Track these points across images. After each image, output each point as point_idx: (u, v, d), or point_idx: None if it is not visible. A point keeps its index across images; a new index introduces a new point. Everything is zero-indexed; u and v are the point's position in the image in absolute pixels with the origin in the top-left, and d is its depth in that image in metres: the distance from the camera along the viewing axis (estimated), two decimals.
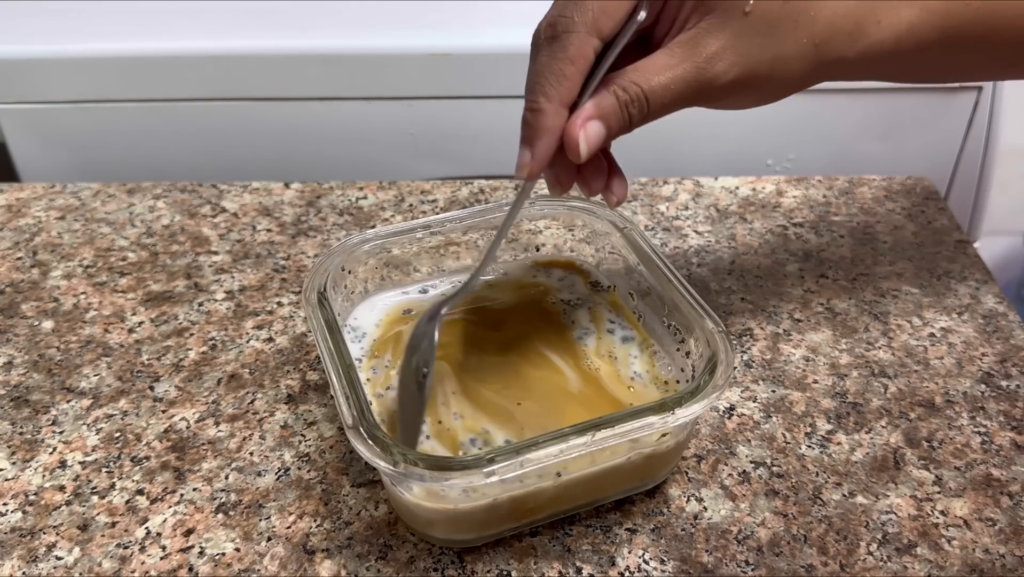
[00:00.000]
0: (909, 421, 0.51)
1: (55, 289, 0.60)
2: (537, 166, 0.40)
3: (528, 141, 0.40)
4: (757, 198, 0.69)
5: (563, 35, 0.39)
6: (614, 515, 0.46)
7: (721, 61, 0.40)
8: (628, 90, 0.40)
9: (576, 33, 0.39)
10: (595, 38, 0.39)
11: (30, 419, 0.51)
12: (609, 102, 0.40)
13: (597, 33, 0.39)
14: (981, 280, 0.61)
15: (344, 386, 0.42)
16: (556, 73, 0.39)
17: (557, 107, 0.39)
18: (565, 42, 0.39)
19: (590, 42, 0.39)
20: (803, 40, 0.40)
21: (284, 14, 0.75)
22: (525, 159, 0.41)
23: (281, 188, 0.70)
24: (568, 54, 0.39)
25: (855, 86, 0.72)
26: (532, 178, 0.41)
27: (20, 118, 0.74)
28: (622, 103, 0.40)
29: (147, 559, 0.44)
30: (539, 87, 0.39)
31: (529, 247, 0.56)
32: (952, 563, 0.44)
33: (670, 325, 0.48)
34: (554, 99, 0.39)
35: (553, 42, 0.39)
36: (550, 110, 0.39)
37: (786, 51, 0.40)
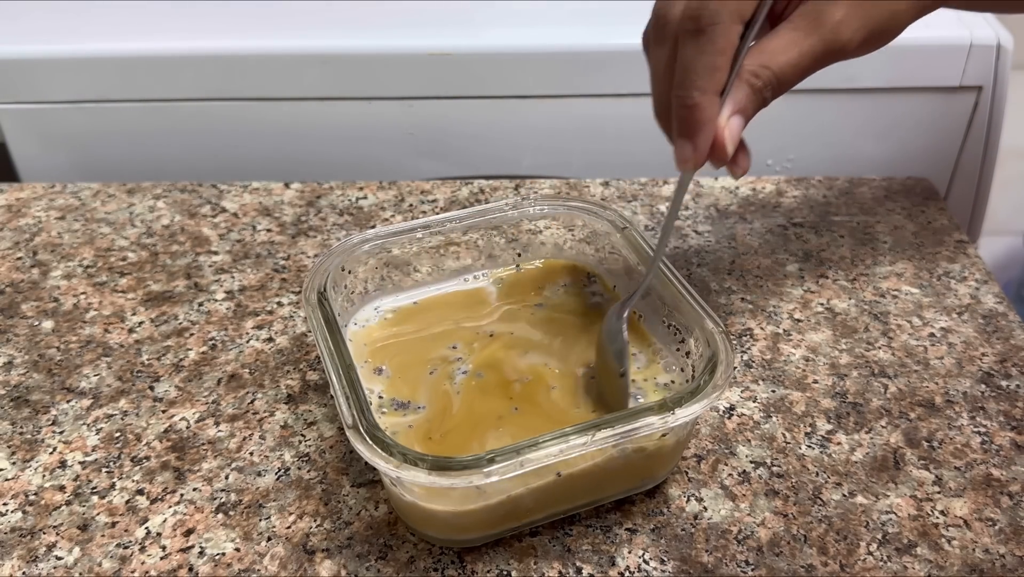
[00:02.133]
0: (909, 421, 0.51)
1: (55, 289, 0.60)
2: (700, 158, 0.42)
3: (688, 135, 0.41)
4: (757, 198, 0.69)
5: (709, 28, 0.40)
6: (614, 515, 0.46)
7: (847, 28, 0.41)
8: (760, 76, 0.41)
9: (723, 24, 0.40)
10: (739, 25, 0.40)
11: (30, 419, 0.51)
12: (744, 93, 0.41)
13: (741, 19, 0.40)
14: (981, 280, 0.61)
15: (344, 386, 0.42)
16: (708, 67, 0.40)
17: (712, 98, 0.41)
18: (713, 34, 0.40)
19: (736, 30, 0.40)
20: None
21: (284, 14, 0.75)
22: (687, 153, 0.42)
23: (281, 188, 0.70)
24: (718, 46, 0.40)
25: (855, 86, 0.72)
26: (695, 169, 0.43)
27: (20, 118, 0.74)
28: (756, 90, 0.41)
29: (147, 559, 0.44)
30: (692, 82, 0.40)
31: (530, 246, 0.56)
32: (952, 563, 0.44)
33: (670, 325, 0.48)
34: (708, 91, 0.40)
35: (699, 35, 0.40)
36: (706, 103, 0.41)
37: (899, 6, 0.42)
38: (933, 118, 0.74)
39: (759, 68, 0.41)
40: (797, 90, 0.43)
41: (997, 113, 0.73)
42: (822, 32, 0.41)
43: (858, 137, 0.76)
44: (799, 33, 0.41)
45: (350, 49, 0.71)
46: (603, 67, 0.71)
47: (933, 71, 0.72)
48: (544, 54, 0.71)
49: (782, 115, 0.74)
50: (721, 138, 0.41)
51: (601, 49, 0.71)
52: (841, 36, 0.41)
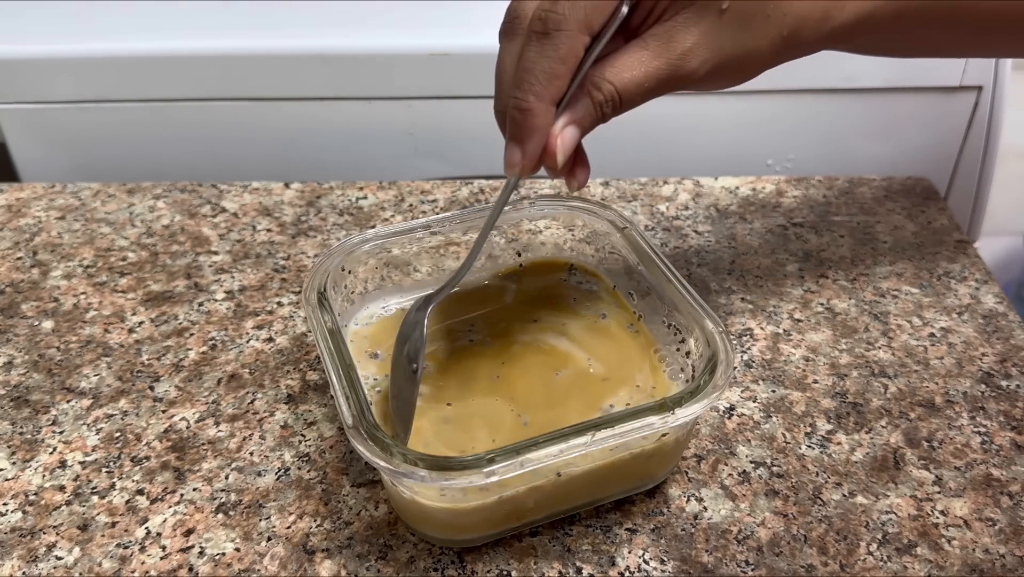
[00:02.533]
0: (909, 421, 0.51)
1: (55, 289, 0.60)
2: (529, 164, 0.41)
3: (518, 140, 0.40)
4: (757, 198, 0.69)
5: (555, 33, 0.39)
6: (614, 515, 0.46)
7: (695, 57, 0.40)
8: (602, 89, 0.40)
9: (568, 32, 0.39)
10: (586, 36, 0.39)
11: (30, 419, 0.51)
12: (584, 106, 0.41)
13: (588, 31, 0.39)
14: (981, 280, 0.61)
15: (344, 386, 0.42)
16: (547, 72, 0.39)
17: (547, 106, 0.40)
18: (557, 41, 0.39)
19: (581, 40, 0.39)
20: (773, 33, 0.41)
21: (284, 14, 0.75)
22: (516, 158, 0.41)
23: (281, 188, 0.70)
24: (560, 54, 0.39)
25: (855, 86, 0.72)
26: (523, 176, 0.42)
27: (20, 118, 0.74)
28: (596, 103, 0.41)
29: (147, 559, 0.44)
30: (529, 85, 0.39)
31: (530, 246, 0.56)
32: (952, 563, 0.44)
33: (670, 325, 0.48)
34: (544, 99, 0.40)
35: (544, 39, 0.39)
36: (540, 110, 0.40)
37: (757, 44, 0.41)
38: (933, 118, 0.74)
39: (601, 81, 0.40)
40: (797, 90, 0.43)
41: (997, 113, 0.74)
42: (670, 56, 0.40)
43: (858, 137, 0.76)
44: (648, 53, 0.40)
45: (350, 49, 0.71)
46: None
47: (933, 71, 0.72)
48: None
49: (782, 115, 0.74)
50: (552, 147, 0.40)
51: None
52: (688, 64, 0.40)
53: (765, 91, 0.72)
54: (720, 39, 0.40)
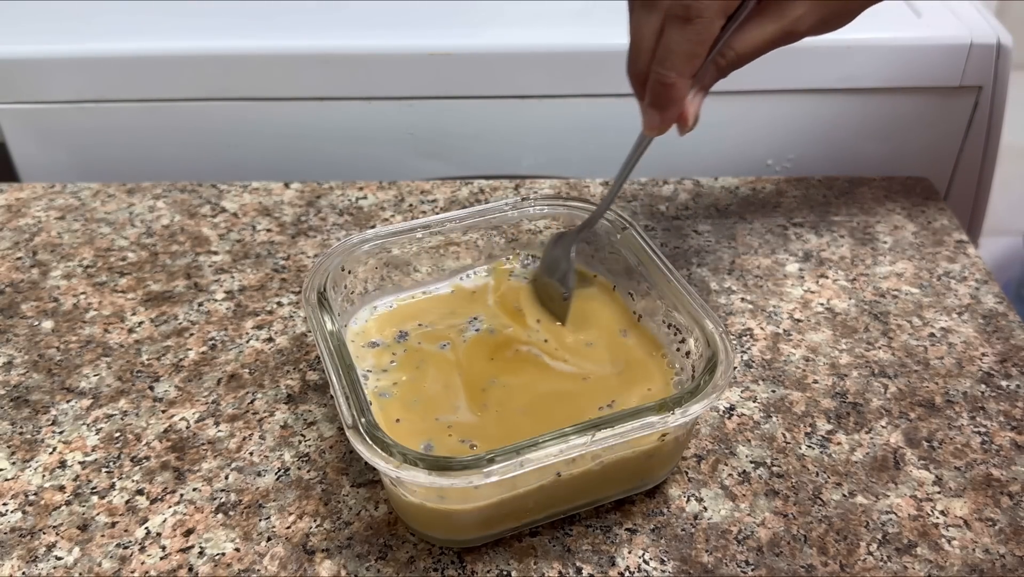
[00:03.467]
0: (909, 421, 0.51)
1: (55, 289, 0.60)
2: (666, 127, 0.48)
3: (659, 107, 0.47)
4: (757, 198, 0.69)
5: (696, 20, 0.44)
6: (614, 515, 0.46)
7: (804, 20, 0.46)
8: (726, 55, 0.47)
9: (708, 18, 0.44)
10: (723, 19, 0.45)
11: (30, 419, 0.51)
12: (710, 73, 0.47)
13: (725, 14, 0.45)
14: (981, 280, 0.61)
15: (344, 386, 0.42)
16: (689, 54, 0.45)
17: (686, 81, 0.46)
18: (699, 26, 0.44)
19: (719, 24, 0.45)
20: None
21: (284, 14, 0.75)
22: (655, 121, 0.48)
23: (281, 188, 0.70)
24: (701, 37, 0.44)
25: (855, 86, 0.72)
26: (661, 133, 0.48)
27: (20, 118, 0.74)
28: (719, 67, 0.47)
29: (147, 559, 0.44)
30: (672, 64, 0.45)
31: (530, 246, 0.56)
32: (952, 563, 0.44)
33: (670, 325, 0.48)
34: (685, 75, 0.46)
35: (686, 24, 0.44)
36: (681, 84, 0.46)
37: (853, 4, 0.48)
38: (933, 118, 0.74)
39: (725, 49, 0.46)
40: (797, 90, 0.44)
41: (997, 113, 0.73)
42: (783, 22, 0.46)
43: (858, 137, 0.76)
44: (767, 22, 0.46)
45: (350, 49, 0.71)
46: (603, 67, 0.71)
47: (933, 71, 0.72)
48: (544, 54, 0.71)
49: (782, 115, 0.74)
50: (687, 113, 0.47)
51: (601, 49, 0.71)
52: (799, 27, 0.46)
53: (765, 91, 0.72)
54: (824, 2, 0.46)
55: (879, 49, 0.71)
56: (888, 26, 0.71)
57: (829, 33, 0.49)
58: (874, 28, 0.70)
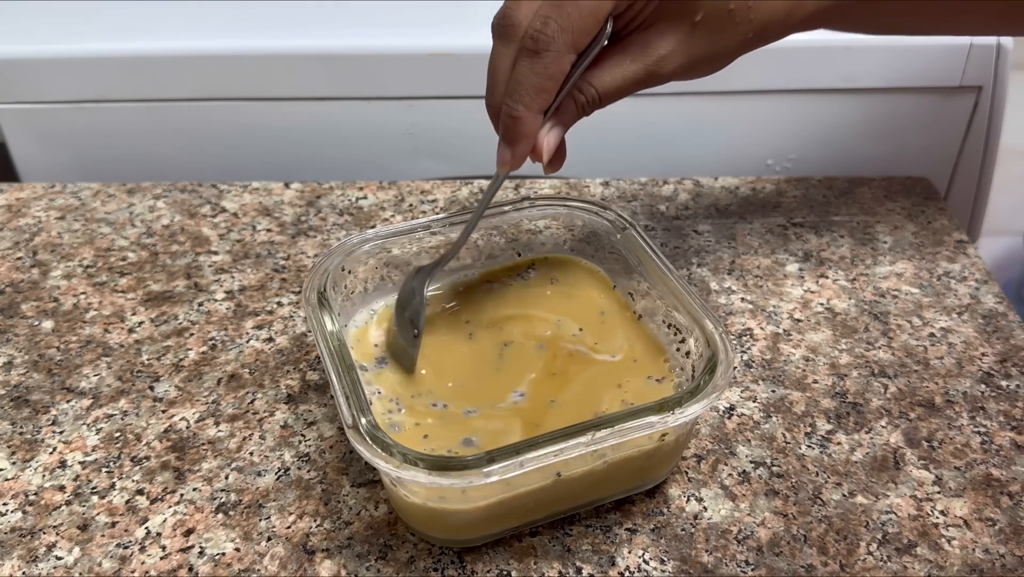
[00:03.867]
0: (909, 421, 0.51)
1: (55, 289, 0.60)
2: (518, 163, 0.46)
3: (509, 142, 0.46)
4: (757, 198, 0.69)
5: (544, 52, 0.43)
6: (614, 515, 0.46)
7: (670, 62, 0.46)
8: (585, 92, 0.46)
9: (557, 52, 0.43)
10: (572, 55, 0.44)
11: (30, 419, 0.51)
12: (568, 107, 0.46)
13: (574, 50, 0.44)
14: (981, 280, 0.61)
15: (344, 386, 0.42)
16: (536, 87, 0.44)
17: (535, 115, 0.45)
18: (546, 60, 0.43)
19: (568, 59, 0.44)
20: (740, 35, 0.46)
21: (284, 14, 0.75)
22: (506, 156, 0.46)
23: (281, 188, 0.70)
24: (549, 72, 0.43)
25: (855, 86, 0.72)
26: (514, 169, 0.47)
27: (20, 118, 0.74)
28: (579, 104, 0.46)
29: (147, 559, 0.44)
30: (520, 97, 0.44)
31: (530, 246, 0.56)
32: (952, 563, 0.44)
33: (670, 325, 0.48)
34: (533, 108, 0.44)
35: (535, 57, 0.43)
36: (529, 118, 0.44)
37: (726, 45, 0.47)
38: (933, 118, 0.74)
39: (584, 85, 0.45)
40: (797, 90, 0.44)
41: (997, 113, 0.73)
42: (646, 61, 0.45)
43: (858, 137, 0.76)
44: (627, 58, 0.45)
45: (350, 49, 0.71)
46: None
47: (933, 71, 0.72)
48: None
49: (782, 115, 0.74)
50: (539, 148, 0.46)
51: None
52: (663, 68, 0.46)
53: (765, 91, 0.72)
54: (693, 45, 0.46)
55: (879, 49, 0.71)
56: None
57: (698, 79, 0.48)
58: None
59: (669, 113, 0.73)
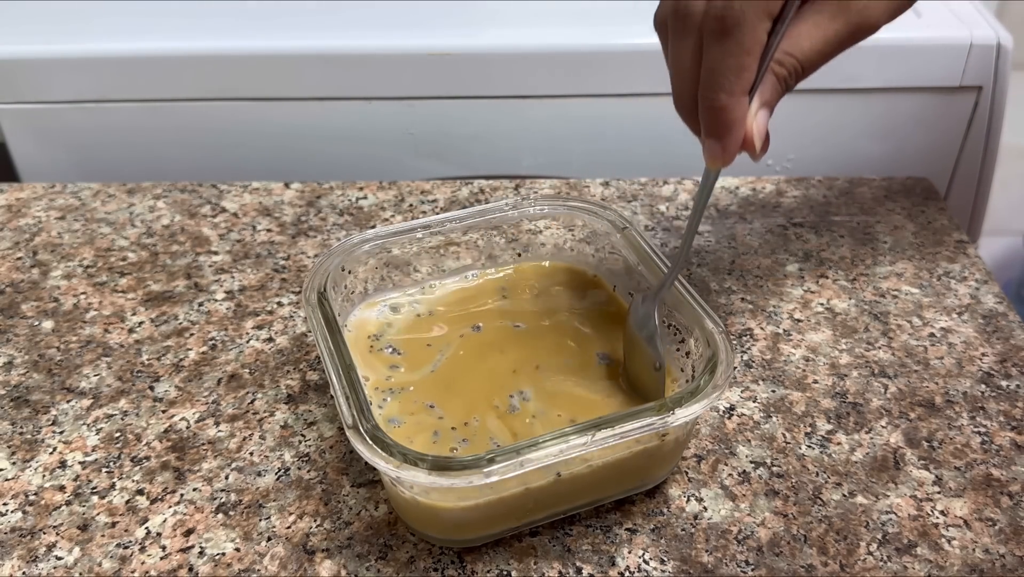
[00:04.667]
0: (909, 421, 0.51)
1: (55, 289, 0.60)
2: (730, 157, 0.42)
3: (717, 135, 0.41)
4: (757, 198, 0.69)
5: (734, 28, 0.39)
6: (614, 515, 0.46)
7: (874, 7, 0.40)
8: (785, 63, 0.41)
9: (749, 24, 0.39)
10: (767, 22, 0.39)
11: (30, 419, 0.51)
12: (771, 85, 0.41)
13: (768, 16, 0.39)
14: (981, 280, 0.61)
15: (344, 386, 0.42)
16: (735, 68, 0.39)
17: (740, 100, 0.40)
18: (739, 36, 0.39)
19: (763, 27, 0.39)
20: None
21: (284, 14, 0.75)
22: (717, 152, 0.41)
23: (281, 188, 0.70)
24: (745, 47, 0.39)
25: (855, 86, 0.72)
26: (727, 164, 0.42)
27: (20, 118, 0.74)
28: (781, 78, 0.41)
29: (147, 559, 0.44)
30: (719, 84, 0.40)
31: (530, 246, 0.56)
32: (952, 563, 0.44)
33: (670, 325, 0.48)
34: (736, 93, 0.40)
35: (725, 36, 0.39)
36: (734, 104, 0.40)
37: None
38: (933, 118, 0.74)
39: (783, 56, 0.40)
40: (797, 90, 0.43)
41: (997, 113, 0.73)
42: (848, 16, 0.40)
43: (858, 137, 0.76)
44: (824, 17, 0.40)
45: (350, 49, 0.71)
46: (603, 67, 0.71)
47: (933, 71, 0.72)
48: (544, 54, 0.71)
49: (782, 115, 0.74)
50: (750, 135, 0.41)
51: (601, 49, 0.71)
52: (869, 17, 0.41)
53: None
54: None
55: (879, 49, 0.71)
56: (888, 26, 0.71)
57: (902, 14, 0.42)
58: None
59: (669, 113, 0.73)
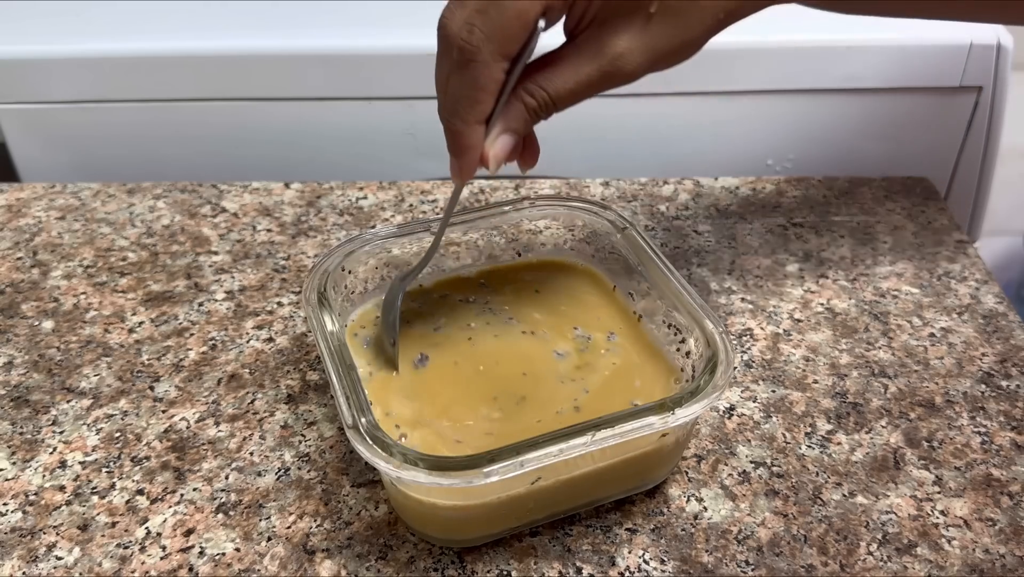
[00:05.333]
0: (909, 421, 0.51)
1: (55, 289, 0.60)
2: (467, 174, 0.44)
3: (455, 154, 0.44)
4: (757, 198, 0.69)
5: (470, 64, 0.40)
6: (614, 515, 0.46)
7: (629, 60, 0.41)
8: (535, 96, 0.42)
9: (483, 62, 0.40)
10: (503, 62, 0.41)
11: (30, 419, 0.51)
12: (517, 113, 0.43)
13: (504, 57, 0.41)
14: (981, 280, 0.61)
15: (344, 386, 0.42)
16: (469, 100, 0.41)
17: (473, 127, 0.42)
18: (475, 72, 0.40)
19: (498, 67, 0.41)
20: (708, 21, 0.42)
21: (284, 14, 0.75)
22: (455, 168, 0.44)
23: (281, 188, 0.70)
24: (479, 83, 0.41)
25: (855, 86, 0.72)
26: (464, 182, 0.45)
27: (20, 118, 0.74)
28: (530, 109, 0.43)
29: (147, 559, 0.44)
30: (454, 111, 0.42)
31: (530, 246, 0.56)
32: (952, 563, 0.44)
33: (670, 325, 0.48)
34: (469, 121, 0.42)
35: (463, 69, 0.40)
36: (467, 131, 0.42)
37: (692, 34, 0.42)
38: (933, 118, 0.74)
39: (535, 88, 0.42)
40: (797, 90, 0.43)
41: (997, 113, 0.74)
42: (601, 62, 0.41)
43: (858, 137, 0.76)
44: (580, 59, 0.41)
45: (350, 49, 0.71)
46: None
47: (933, 71, 0.72)
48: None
49: (782, 115, 0.74)
50: (485, 157, 0.43)
51: None
52: (622, 67, 0.41)
53: (765, 91, 0.72)
54: (652, 39, 0.41)
55: (879, 49, 0.71)
56: (888, 26, 0.71)
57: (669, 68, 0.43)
58: (874, 28, 0.70)
59: (669, 113, 0.73)
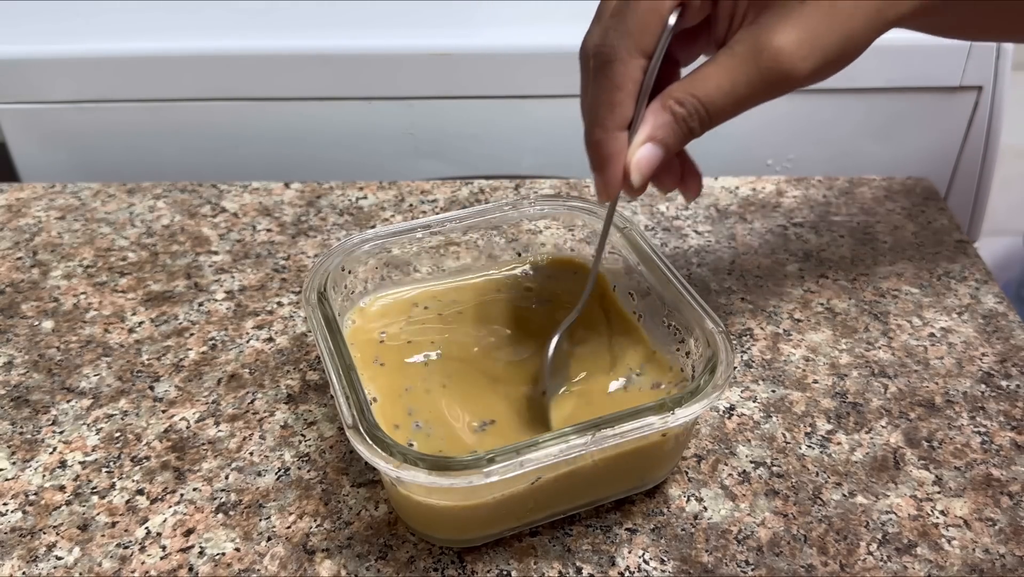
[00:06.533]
0: (909, 421, 0.51)
1: (55, 289, 0.60)
2: (611, 191, 0.42)
3: (596, 169, 0.41)
4: (757, 198, 0.69)
5: (606, 65, 0.39)
6: (614, 515, 0.46)
7: (792, 56, 0.37)
8: (684, 103, 0.39)
9: (619, 60, 0.39)
10: (640, 58, 0.39)
11: (30, 419, 0.51)
12: (664, 120, 0.40)
13: (641, 53, 0.39)
14: (981, 280, 0.61)
15: (344, 386, 0.42)
16: (607, 103, 0.40)
17: (614, 135, 0.40)
18: (610, 72, 0.39)
19: (635, 64, 0.39)
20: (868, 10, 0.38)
21: (284, 14, 0.75)
22: (599, 185, 0.42)
23: (281, 188, 0.70)
24: (615, 82, 0.39)
25: (855, 86, 0.72)
26: (610, 199, 0.43)
27: (20, 118, 0.74)
28: (679, 118, 0.39)
29: (147, 559, 0.44)
30: (592, 119, 0.40)
31: (530, 246, 0.56)
32: (952, 563, 0.44)
33: (670, 325, 0.48)
34: (610, 128, 0.40)
35: (599, 73, 0.40)
36: (607, 139, 0.40)
37: (854, 26, 0.38)
38: (933, 118, 0.74)
39: (684, 95, 0.39)
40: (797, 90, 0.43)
41: (997, 113, 0.74)
42: (759, 61, 0.38)
43: (858, 137, 0.76)
44: (735, 60, 0.38)
45: (350, 49, 0.71)
46: None
47: (933, 71, 0.72)
48: (544, 54, 0.71)
49: (782, 115, 0.74)
50: (627, 168, 0.40)
51: None
52: (783, 65, 0.37)
53: None
54: (813, 27, 0.37)
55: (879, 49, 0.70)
56: None
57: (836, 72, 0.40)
58: None
59: None
